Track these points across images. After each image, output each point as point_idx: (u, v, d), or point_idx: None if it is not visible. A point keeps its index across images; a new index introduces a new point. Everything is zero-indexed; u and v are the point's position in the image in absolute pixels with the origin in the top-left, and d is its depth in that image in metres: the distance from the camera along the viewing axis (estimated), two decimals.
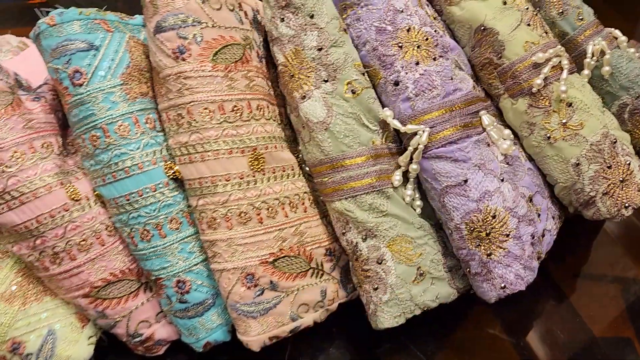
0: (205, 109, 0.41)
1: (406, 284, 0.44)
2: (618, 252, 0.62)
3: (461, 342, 0.52)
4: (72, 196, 0.43)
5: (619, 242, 0.63)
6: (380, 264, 0.44)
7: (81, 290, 0.43)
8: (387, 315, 0.44)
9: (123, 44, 0.43)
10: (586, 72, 0.51)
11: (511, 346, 0.52)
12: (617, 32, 0.52)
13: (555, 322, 0.54)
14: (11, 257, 0.46)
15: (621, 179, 0.47)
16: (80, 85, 0.41)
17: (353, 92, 0.44)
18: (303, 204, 0.46)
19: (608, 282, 0.59)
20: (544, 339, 0.53)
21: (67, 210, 0.42)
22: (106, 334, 0.47)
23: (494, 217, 0.43)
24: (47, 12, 0.42)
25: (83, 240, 0.43)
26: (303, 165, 0.48)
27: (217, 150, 0.41)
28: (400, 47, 0.44)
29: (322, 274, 0.46)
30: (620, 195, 0.47)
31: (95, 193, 0.44)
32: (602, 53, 0.51)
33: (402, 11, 0.45)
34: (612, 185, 0.47)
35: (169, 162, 0.44)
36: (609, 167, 0.47)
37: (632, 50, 0.53)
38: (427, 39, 0.45)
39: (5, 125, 0.41)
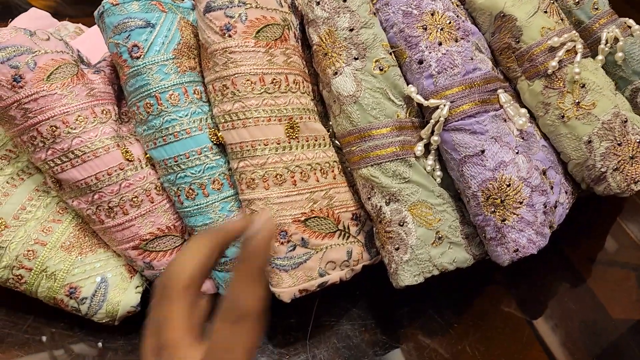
0: (248, 80, 0.46)
1: (425, 245, 0.48)
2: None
3: (478, 313, 0.55)
4: (127, 157, 0.48)
5: None
6: (402, 225, 0.48)
7: (131, 242, 0.48)
8: (407, 274, 0.48)
9: (175, 23, 0.48)
10: (600, 57, 0.54)
11: (526, 324, 0.55)
12: (631, 22, 0.56)
13: (572, 303, 0.57)
14: (69, 213, 0.51)
15: (631, 155, 0.50)
16: (138, 58, 0.47)
17: (380, 69, 0.48)
18: (332, 171, 0.50)
19: (626, 267, 0.62)
20: (559, 318, 0.55)
21: (122, 169, 0.47)
22: (151, 284, 0.52)
23: (508, 185, 0.47)
24: None
25: (135, 197, 0.48)
26: (333, 139, 0.52)
27: (257, 117, 0.46)
28: (425, 29, 0.48)
29: (349, 236, 0.50)
30: (630, 171, 0.50)
31: (147, 156, 0.49)
32: (616, 40, 0.54)
33: None
34: (622, 161, 0.50)
35: (213, 129, 0.48)
36: (619, 145, 0.50)
37: None
38: (449, 23, 0.49)
39: (71, 92, 0.46)
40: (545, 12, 0.52)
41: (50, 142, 0.46)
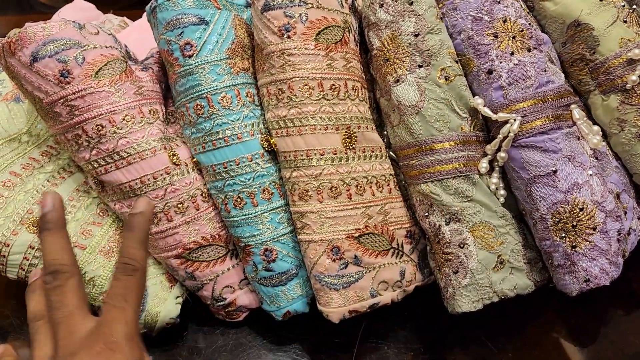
0: (306, 85, 0.43)
1: (486, 270, 0.45)
2: None
3: (532, 339, 0.52)
4: (173, 160, 0.45)
5: None
6: (462, 248, 0.44)
7: (174, 251, 0.46)
8: (465, 300, 0.45)
9: (229, 21, 0.46)
10: None
11: (580, 352, 0.52)
12: None
13: (630, 333, 0.53)
14: (110, 216, 0.49)
15: None
16: (190, 56, 0.44)
17: (446, 78, 0.45)
18: (388, 185, 0.47)
19: None
20: (616, 349, 0.52)
21: (168, 174, 0.45)
22: (191, 297, 0.50)
23: (581, 209, 0.43)
24: None
25: (180, 203, 0.45)
26: (388, 150, 0.49)
27: (314, 125, 0.43)
28: (496, 36, 0.45)
29: (402, 255, 0.47)
30: None
31: (194, 160, 0.47)
32: None
33: (499, 2, 0.46)
34: None
35: (265, 135, 0.46)
36: None
37: None
38: (522, 31, 0.45)
39: (119, 90, 0.44)
40: (625, 21, 0.48)
41: (96, 142, 0.43)
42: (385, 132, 0.49)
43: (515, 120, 0.44)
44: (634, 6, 0.51)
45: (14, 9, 0.95)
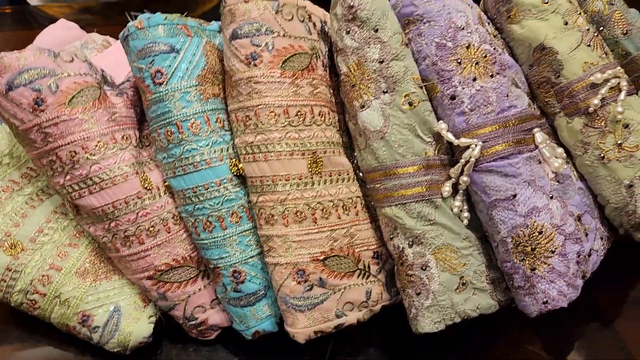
0: (272, 112, 0.44)
1: (448, 291, 0.46)
2: None
3: (499, 357, 0.53)
4: (145, 185, 0.47)
5: None
6: (424, 270, 0.46)
7: (146, 272, 0.47)
8: (427, 320, 0.46)
9: (200, 48, 0.47)
10: None
11: None
12: None
13: (598, 347, 0.54)
14: (86, 237, 0.50)
15: None
16: (161, 84, 0.45)
17: (410, 104, 0.46)
18: (355, 207, 0.48)
19: None
20: None
21: (139, 198, 0.46)
22: (164, 315, 0.51)
23: (540, 232, 0.44)
24: (136, 16, 0.46)
25: (152, 227, 0.47)
26: (357, 171, 0.50)
27: (280, 151, 0.44)
28: (459, 63, 0.46)
29: (369, 276, 0.48)
30: None
31: (165, 184, 0.48)
32: None
33: (463, 28, 0.47)
34: None
35: (234, 159, 0.47)
36: None
37: None
38: (485, 56, 0.46)
39: (92, 117, 0.45)
40: (589, 45, 0.49)
41: (69, 168, 0.45)
42: (356, 155, 0.51)
43: (476, 145, 0.45)
44: (602, 28, 0.52)
45: (12, 24, 0.97)
